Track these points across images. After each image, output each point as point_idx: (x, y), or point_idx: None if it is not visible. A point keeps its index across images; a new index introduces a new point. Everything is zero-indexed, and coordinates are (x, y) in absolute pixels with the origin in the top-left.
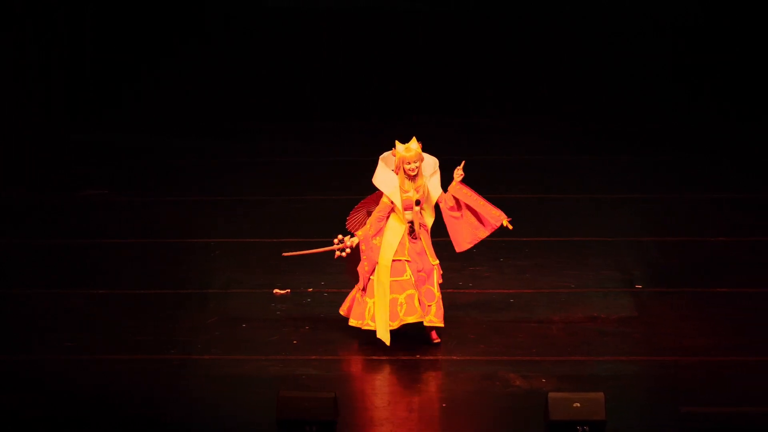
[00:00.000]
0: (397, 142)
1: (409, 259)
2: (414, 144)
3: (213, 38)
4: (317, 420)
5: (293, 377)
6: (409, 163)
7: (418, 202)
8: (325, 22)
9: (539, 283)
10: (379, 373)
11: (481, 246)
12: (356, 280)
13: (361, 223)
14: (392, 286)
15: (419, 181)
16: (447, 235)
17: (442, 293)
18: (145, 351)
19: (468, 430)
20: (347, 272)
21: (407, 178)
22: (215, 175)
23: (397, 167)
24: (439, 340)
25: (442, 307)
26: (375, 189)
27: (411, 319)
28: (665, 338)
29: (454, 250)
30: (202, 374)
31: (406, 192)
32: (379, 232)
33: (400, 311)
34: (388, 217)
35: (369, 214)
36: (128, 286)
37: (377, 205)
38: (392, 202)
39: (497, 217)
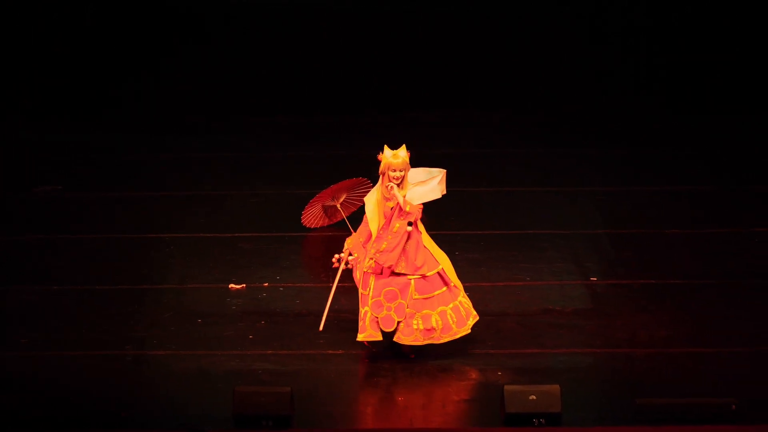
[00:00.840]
0: (386, 146)
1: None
2: (402, 151)
3: (176, 34)
4: (273, 414)
5: (249, 372)
6: (395, 170)
7: (410, 224)
8: (286, 15)
9: (494, 276)
10: (335, 368)
11: (436, 239)
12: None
13: (315, 218)
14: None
15: (403, 191)
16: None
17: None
18: (100, 347)
19: (424, 424)
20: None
21: (383, 192)
22: (170, 171)
23: (381, 172)
24: (413, 356)
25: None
26: (330, 183)
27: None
28: (620, 330)
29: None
30: (158, 369)
31: (389, 200)
32: (369, 237)
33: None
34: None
35: (324, 208)
36: (83, 282)
37: (332, 199)
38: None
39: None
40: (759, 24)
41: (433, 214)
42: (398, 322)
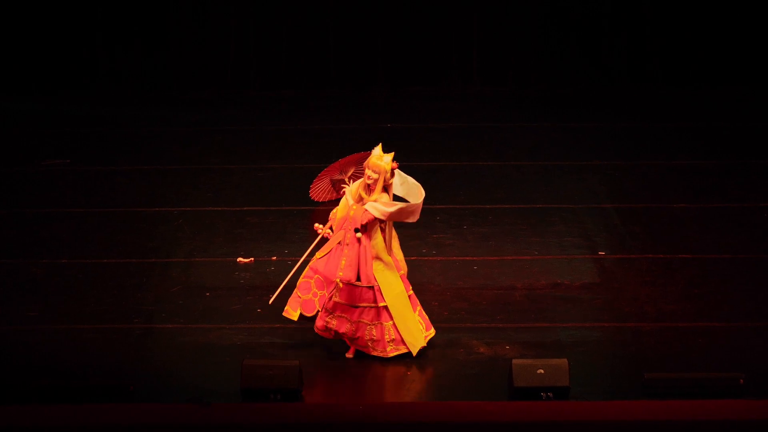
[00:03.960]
0: (380, 145)
1: (318, 256)
2: (387, 158)
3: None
4: (282, 388)
5: (257, 346)
6: (373, 172)
7: (357, 230)
8: None
9: (503, 251)
10: (343, 342)
11: (445, 214)
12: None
13: (323, 191)
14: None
15: (374, 195)
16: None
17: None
18: (109, 320)
19: (432, 397)
20: None
21: (363, 186)
22: (177, 145)
23: (364, 165)
24: (350, 356)
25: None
26: (338, 157)
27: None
28: (628, 304)
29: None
30: (166, 343)
31: (360, 200)
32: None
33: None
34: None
35: (332, 182)
36: (91, 255)
37: (339, 173)
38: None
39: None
40: None
41: (441, 189)
42: (317, 312)
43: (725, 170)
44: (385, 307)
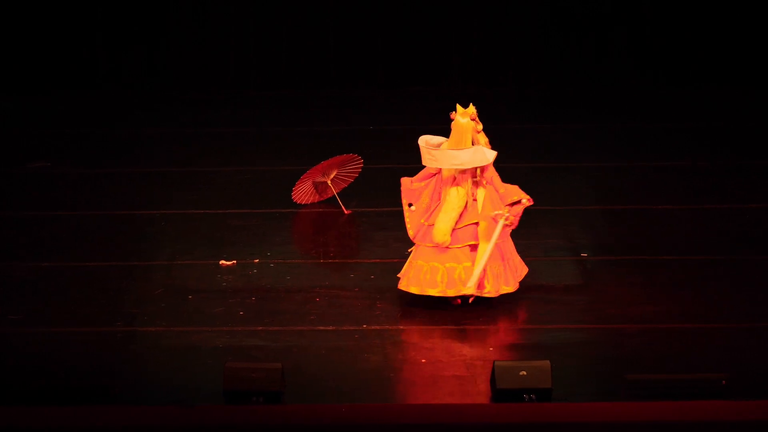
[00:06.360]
0: (457, 106)
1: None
2: (467, 113)
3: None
4: (264, 390)
5: (240, 348)
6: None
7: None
8: None
9: None
10: (325, 344)
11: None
12: None
13: (306, 194)
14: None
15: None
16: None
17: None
18: (91, 323)
19: (415, 399)
20: None
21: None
22: (159, 147)
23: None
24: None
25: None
26: (321, 160)
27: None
28: (611, 306)
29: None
30: (148, 346)
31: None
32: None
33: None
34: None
35: (314, 184)
36: (73, 258)
37: (322, 176)
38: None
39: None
40: None
41: None
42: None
43: (709, 170)
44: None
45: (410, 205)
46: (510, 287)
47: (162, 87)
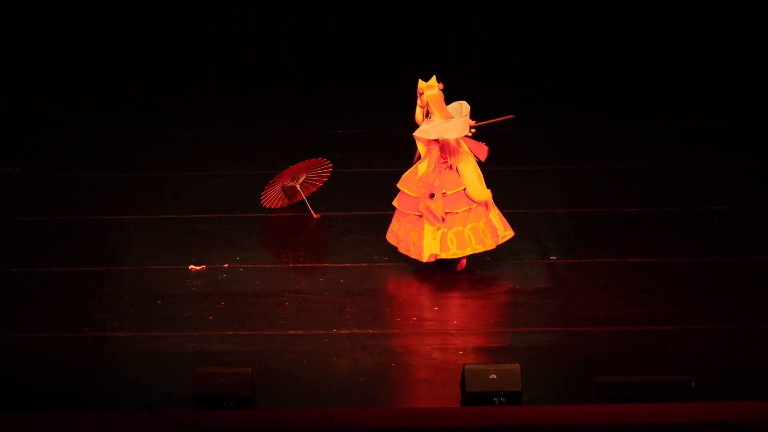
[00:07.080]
0: (434, 77)
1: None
2: (427, 84)
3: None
4: (234, 395)
5: (210, 353)
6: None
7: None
8: None
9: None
10: (295, 348)
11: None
12: None
13: (275, 198)
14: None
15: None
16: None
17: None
18: (60, 329)
19: (385, 403)
20: None
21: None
22: (128, 152)
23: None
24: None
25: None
26: (290, 164)
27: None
28: (580, 309)
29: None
30: (118, 351)
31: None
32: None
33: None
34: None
35: (283, 189)
36: (43, 264)
37: (291, 180)
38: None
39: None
40: None
41: (390, 192)
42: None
43: (677, 173)
44: None
45: (431, 195)
46: (481, 246)
47: (125, 91)
